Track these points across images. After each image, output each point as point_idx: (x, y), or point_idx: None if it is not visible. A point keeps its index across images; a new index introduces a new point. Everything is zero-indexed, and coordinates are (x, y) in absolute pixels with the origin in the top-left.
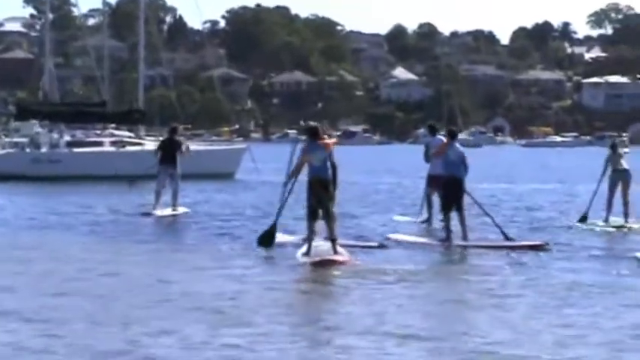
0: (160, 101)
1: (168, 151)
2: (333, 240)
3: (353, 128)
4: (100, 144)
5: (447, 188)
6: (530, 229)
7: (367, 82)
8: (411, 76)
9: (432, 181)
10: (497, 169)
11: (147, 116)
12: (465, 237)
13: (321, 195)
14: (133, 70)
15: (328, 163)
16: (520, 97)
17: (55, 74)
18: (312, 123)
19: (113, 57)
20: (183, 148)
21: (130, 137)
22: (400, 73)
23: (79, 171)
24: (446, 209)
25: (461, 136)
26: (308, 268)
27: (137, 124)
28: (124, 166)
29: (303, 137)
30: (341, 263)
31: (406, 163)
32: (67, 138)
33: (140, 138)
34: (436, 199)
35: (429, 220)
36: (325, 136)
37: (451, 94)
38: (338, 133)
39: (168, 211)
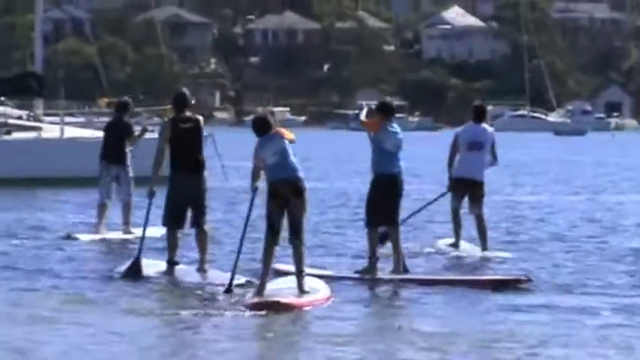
0: (70, 61)
1: (115, 141)
2: (300, 272)
3: (377, 104)
4: None
5: (379, 191)
6: None
7: (402, 30)
8: (472, 20)
9: (458, 187)
10: (618, 173)
11: (48, 84)
12: (397, 267)
13: (286, 204)
14: (25, 9)
15: (292, 157)
16: None
17: None
18: (261, 110)
19: None
20: (137, 133)
21: (20, 117)
22: (455, 15)
23: None
24: (371, 222)
25: (552, 117)
26: (243, 315)
27: (32, 97)
28: (15, 163)
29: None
30: (293, 308)
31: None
32: None
33: (36, 119)
34: (465, 215)
35: (456, 244)
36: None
37: (537, 50)
38: (355, 112)
39: (117, 235)
